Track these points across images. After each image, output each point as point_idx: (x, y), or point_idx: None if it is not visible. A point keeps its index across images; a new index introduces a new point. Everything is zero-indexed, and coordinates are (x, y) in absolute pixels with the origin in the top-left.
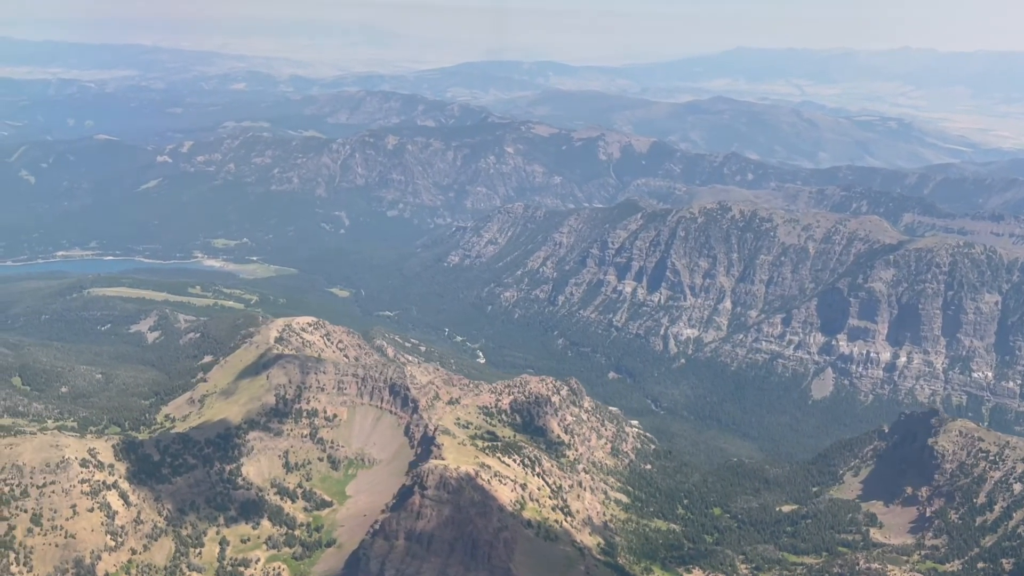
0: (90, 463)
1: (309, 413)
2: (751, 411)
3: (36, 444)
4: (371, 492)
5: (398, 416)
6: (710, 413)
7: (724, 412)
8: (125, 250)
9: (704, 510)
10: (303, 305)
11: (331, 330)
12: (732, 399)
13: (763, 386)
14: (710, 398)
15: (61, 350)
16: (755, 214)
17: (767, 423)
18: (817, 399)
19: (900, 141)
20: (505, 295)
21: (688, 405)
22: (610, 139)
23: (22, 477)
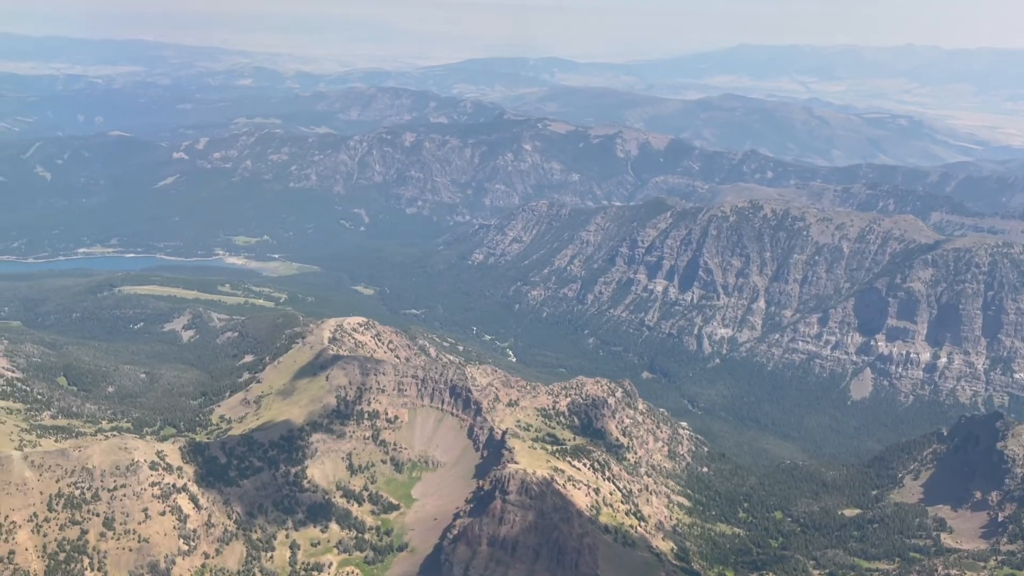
0: (159, 466)
1: (370, 415)
2: (790, 412)
3: (105, 447)
4: (438, 495)
5: (460, 418)
6: (748, 413)
7: (763, 413)
8: (146, 247)
9: (765, 514)
10: (331, 303)
11: (381, 330)
12: (770, 399)
13: (801, 386)
14: (747, 398)
15: (99, 349)
16: (787, 213)
17: (807, 424)
18: (856, 400)
19: (911, 139)
20: (532, 293)
21: (726, 405)
22: (627, 136)
23: (92, 480)
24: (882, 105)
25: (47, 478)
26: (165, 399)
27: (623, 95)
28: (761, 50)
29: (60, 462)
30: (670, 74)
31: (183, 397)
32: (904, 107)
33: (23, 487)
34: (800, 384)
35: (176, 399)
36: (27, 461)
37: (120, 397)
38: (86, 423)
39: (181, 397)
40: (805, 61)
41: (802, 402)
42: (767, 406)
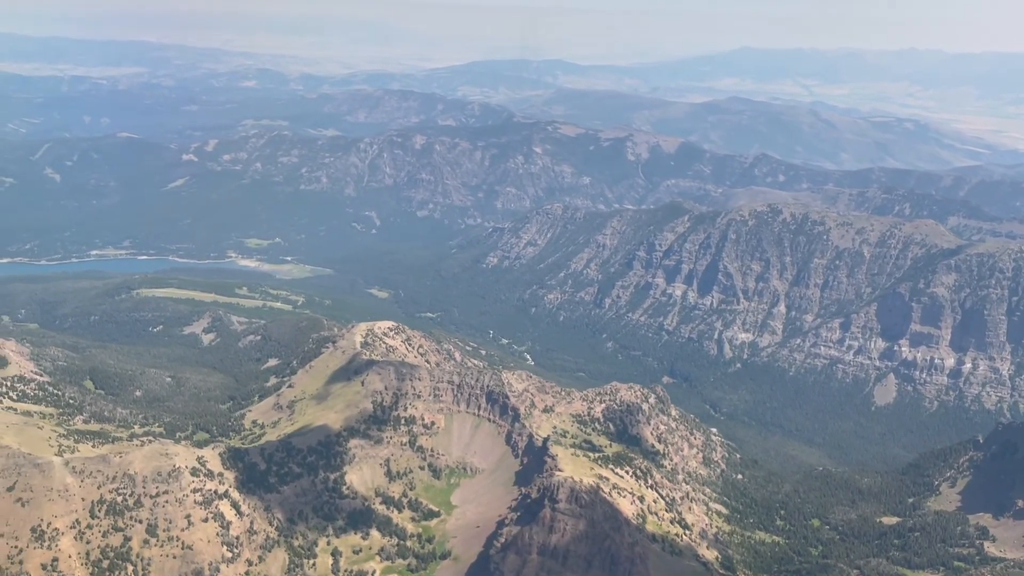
0: (200, 472)
1: (407, 420)
2: (813, 417)
3: (146, 453)
4: (478, 503)
5: (497, 424)
6: (771, 419)
7: (786, 418)
8: (159, 249)
9: (803, 521)
10: (348, 306)
11: (410, 335)
12: (793, 405)
13: (823, 392)
14: (770, 403)
15: (121, 352)
16: (806, 217)
17: (831, 429)
18: (880, 405)
19: (918, 142)
20: (549, 297)
21: (748, 411)
22: (638, 139)
23: (134, 487)
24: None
25: (89, 484)
26: (193, 403)
27: (629, 98)
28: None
29: (101, 468)
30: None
31: (211, 401)
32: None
33: (65, 493)
34: (823, 389)
35: (204, 403)
36: (68, 467)
37: (148, 401)
38: (118, 427)
39: (209, 401)
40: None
41: (825, 407)
42: (790, 411)
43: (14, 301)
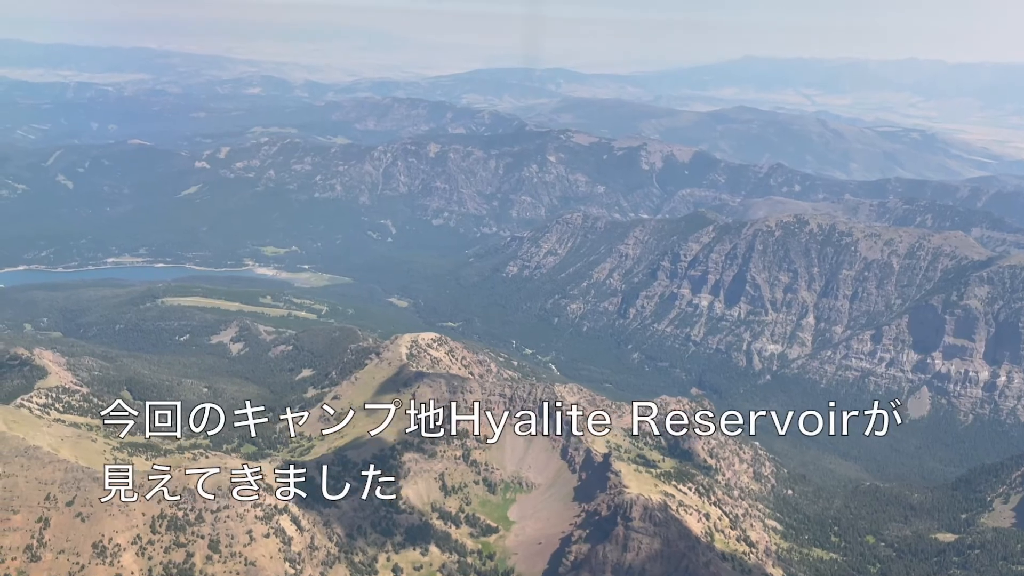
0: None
1: (460, 434)
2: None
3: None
4: (537, 518)
5: (551, 438)
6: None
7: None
8: (175, 257)
9: (857, 538)
10: (371, 316)
11: (453, 346)
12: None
13: (856, 404)
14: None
15: (152, 362)
16: (833, 228)
17: (865, 442)
18: (915, 418)
19: (925, 152)
20: (571, 307)
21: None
22: (652, 148)
23: (195, 501)
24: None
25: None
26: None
27: (636, 106)
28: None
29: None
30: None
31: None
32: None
33: (125, 508)
34: (855, 402)
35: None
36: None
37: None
38: (164, 440)
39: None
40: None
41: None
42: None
43: (35, 309)
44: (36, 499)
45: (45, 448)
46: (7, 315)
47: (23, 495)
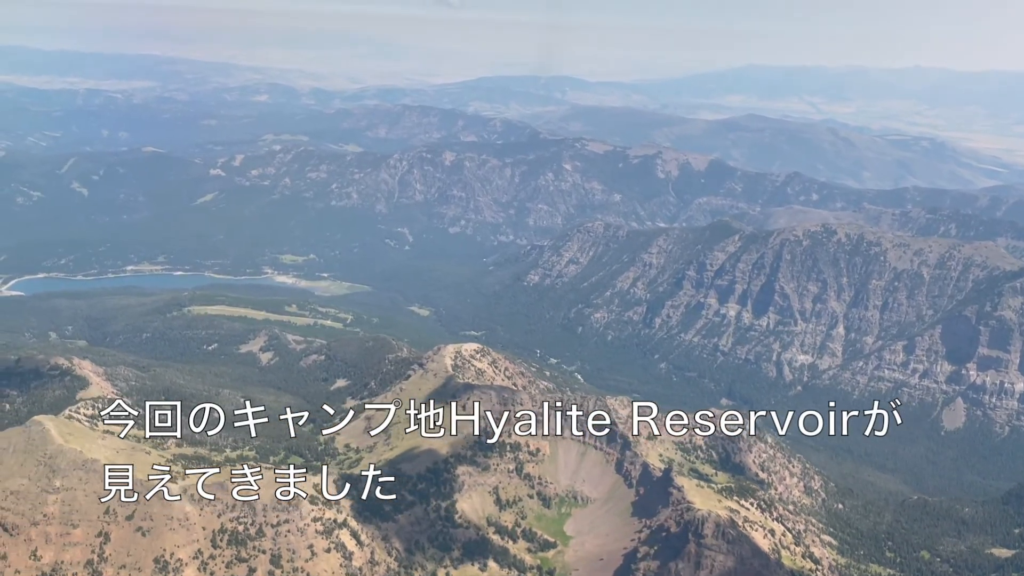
0: (318, 500)
1: (512, 447)
2: (882, 442)
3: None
4: (596, 534)
5: (605, 452)
6: (839, 443)
7: (854, 443)
8: (194, 265)
9: (912, 554)
10: (395, 324)
11: (496, 357)
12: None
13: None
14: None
15: (184, 371)
16: (862, 237)
17: (901, 455)
18: (950, 430)
19: (936, 161)
20: (595, 316)
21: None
22: (667, 157)
23: (255, 515)
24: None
25: (208, 513)
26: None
27: (645, 115)
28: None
29: (220, 496)
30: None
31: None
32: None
33: (185, 522)
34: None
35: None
36: (187, 495)
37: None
38: (211, 451)
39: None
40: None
41: (893, 432)
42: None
43: (59, 317)
44: (95, 513)
45: (102, 461)
46: (31, 323)
47: (82, 509)
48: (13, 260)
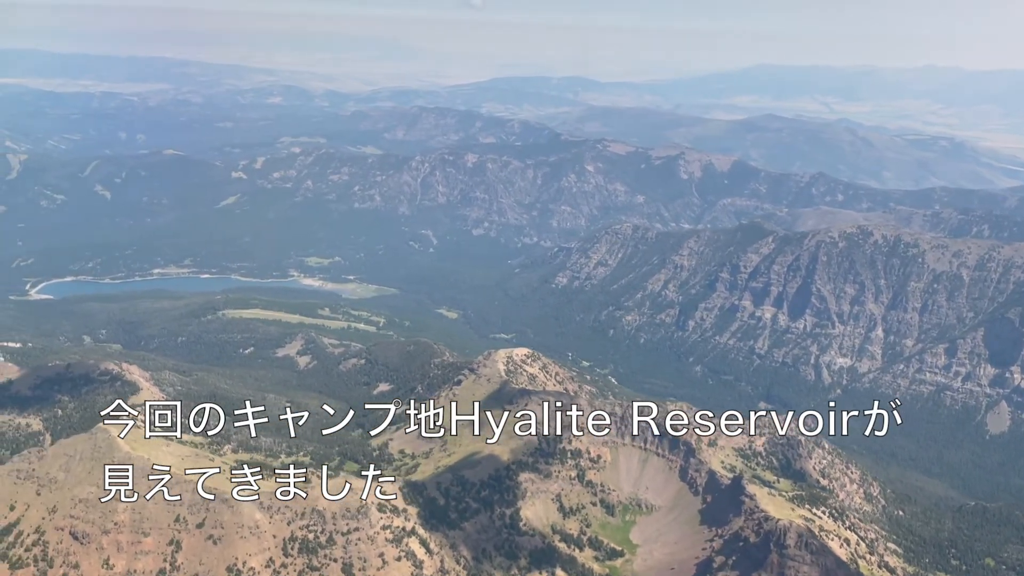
0: (386, 508)
1: (573, 454)
2: (926, 446)
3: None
4: (664, 542)
5: (667, 459)
6: (882, 448)
7: (898, 447)
8: (220, 268)
9: (976, 561)
10: (426, 327)
11: (546, 362)
12: (902, 433)
13: (932, 419)
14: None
15: (225, 376)
16: (899, 239)
17: (946, 459)
18: (995, 434)
19: (957, 160)
20: (627, 319)
21: (856, 439)
22: (690, 158)
23: (325, 523)
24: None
25: (278, 520)
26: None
27: (661, 115)
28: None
29: (289, 503)
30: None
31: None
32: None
33: (256, 531)
34: (931, 417)
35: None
36: (256, 503)
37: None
38: (267, 457)
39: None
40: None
41: (937, 436)
42: (900, 439)
43: (93, 321)
44: (166, 521)
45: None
46: (65, 327)
47: (153, 517)
48: (41, 263)
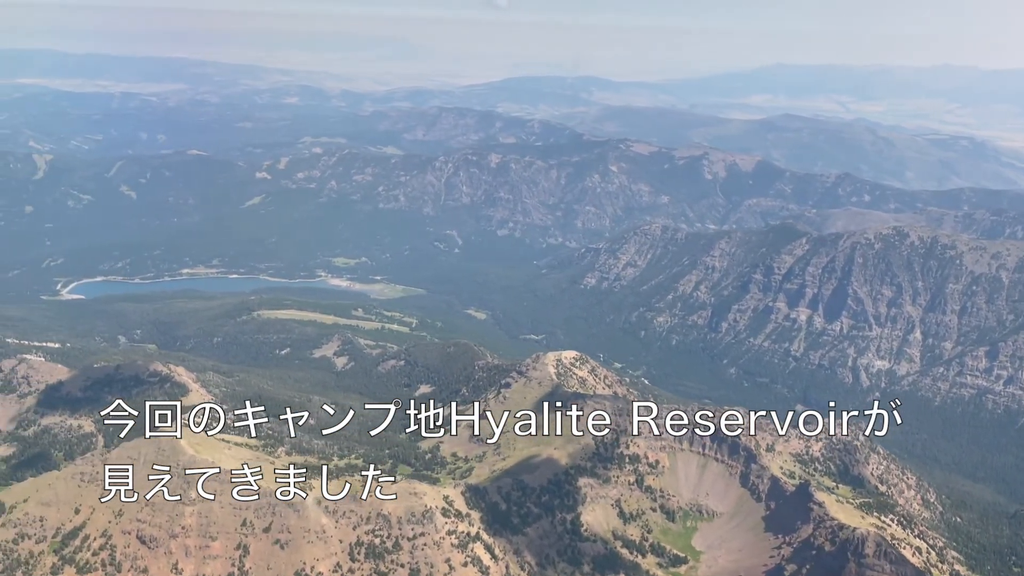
0: (450, 512)
1: (631, 459)
2: (968, 450)
3: (395, 492)
4: (728, 549)
5: (727, 464)
6: (925, 452)
7: (940, 451)
8: (248, 268)
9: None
10: (456, 328)
11: (594, 365)
12: (944, 437)
13: (973, 423)
14: (918, 435)
15: (265, 376)
16: (935, 240)
17: (991, 463)
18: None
19: (979, 160)
20: (658, 320)
21: (896, 443)
22: (714, 158)
23: (390, 528)
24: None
25: (344, 525)
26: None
27: (679, 115)
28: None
29: (353, 508)
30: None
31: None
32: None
33: (323, 535)
34: (973, 421)
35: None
36: (321, 507)
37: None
38: (320, 460)
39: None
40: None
41: (979, 440)
42: (943, 443)
43: (127, 321)
44: (233, 525)
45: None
46: (100, 328)
47: (219, 521)
48: (70, 263)
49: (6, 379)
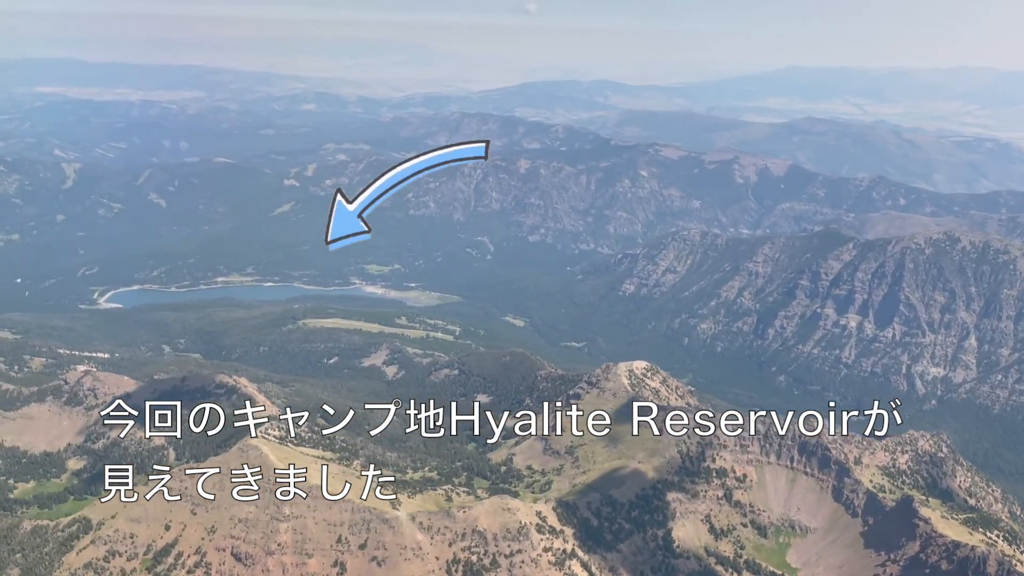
0: (544, 528)
1: (718, 472)
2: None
3: (488, 507)
4: (826, 566)
5: (817, 479)
6: (988, 461)
7: (1004, 460)
8: (283, 276)
9: None
10: (498, 336)
11: (665, 376)
12: (1006, 445)
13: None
14: (980, 444)
15: (319, 386)
16: (988, 245)
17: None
18: None
19: (1007, 163)
20: (702, 327)
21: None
22: (744, 162)
23: (486, 545)
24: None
25: (439, 542)
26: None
27: (697, 118)
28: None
29: (448, 524)
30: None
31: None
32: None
33: (419, 552)
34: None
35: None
36: (415, 523)
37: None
38: (395, 472)
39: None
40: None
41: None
42: (1007, 452)
43: (169, 330)
44: (328, 542)
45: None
46: (143, 337)
47: (315, 538)
48: (106, 272)
49: (72, 391)
